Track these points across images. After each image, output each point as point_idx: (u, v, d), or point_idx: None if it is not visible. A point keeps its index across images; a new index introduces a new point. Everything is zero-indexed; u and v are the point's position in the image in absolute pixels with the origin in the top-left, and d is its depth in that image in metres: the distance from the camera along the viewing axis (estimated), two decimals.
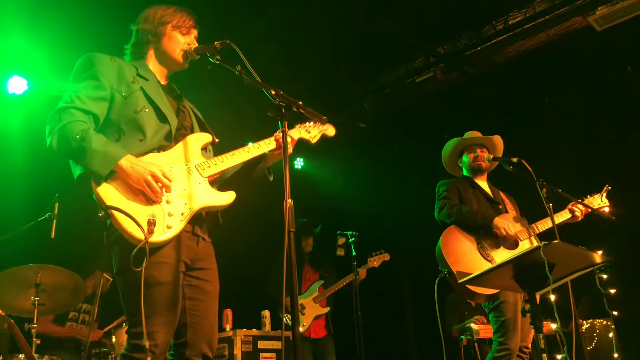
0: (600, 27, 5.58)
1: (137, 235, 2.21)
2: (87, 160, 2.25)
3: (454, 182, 4.27)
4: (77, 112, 2.35)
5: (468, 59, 6.28)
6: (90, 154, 2.25)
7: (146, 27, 2.69)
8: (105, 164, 2.25)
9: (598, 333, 5.77)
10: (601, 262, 2.88)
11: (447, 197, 4.16)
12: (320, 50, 6.19)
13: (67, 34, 4.98)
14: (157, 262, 2.28)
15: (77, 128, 2.29)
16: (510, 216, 4.08)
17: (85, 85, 2.42)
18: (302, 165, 8.16)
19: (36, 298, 4.12)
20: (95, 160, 2.24)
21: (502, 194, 4.35)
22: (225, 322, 5.26)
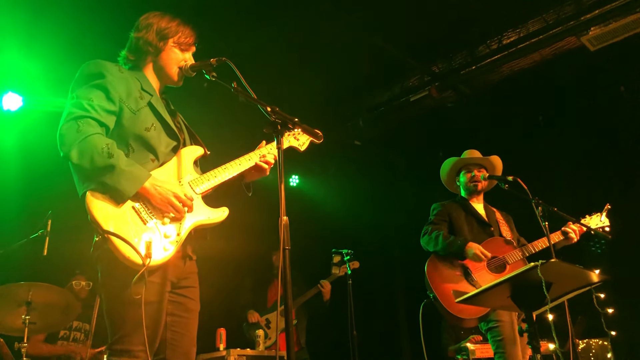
0: (594, 47, 5.63)
1: (135, 260, 2.17)
2: (114, 179, 2.20)
3: (446, 206, 4.28)
4: (95, 123, 2.28)
5: (463, 77, 6.32)
6: (119, 172, 2.20)
7: (147, 37, 2.62)
8: (133, 185, 2.23)
9: (594, 353, 5.73)
10: (598, 281, 2.86)
11: (433, 222, 4.20)
12: (315, 68, 6.21)
13: (62, 50, 4.97)
14: (149, 283, 2.24)
15: (102, 142, 2.22)
16: (499, 240, 4.07)
17: (97, 95, 2.34)
18: (297, 182, 8.15)
19: (27, 316, 4.05)
20: (123, 180, 2.21)
21: (498, 214, 4.33)
22: (218, 341, 5.18)
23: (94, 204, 2.19)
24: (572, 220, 3.98)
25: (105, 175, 2.20)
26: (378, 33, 5.79)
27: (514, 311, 2.94)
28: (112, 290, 2.25)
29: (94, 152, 2.19)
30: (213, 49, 5.31)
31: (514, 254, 3.95)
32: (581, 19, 5.44)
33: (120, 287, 2.21)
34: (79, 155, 2.19)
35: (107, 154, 2.20)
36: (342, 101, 7.06)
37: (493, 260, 3.96)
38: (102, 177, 2.20)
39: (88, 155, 2.19)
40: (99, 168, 2.19)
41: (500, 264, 3.94)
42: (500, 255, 3.96)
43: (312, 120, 6.45)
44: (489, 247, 3.97)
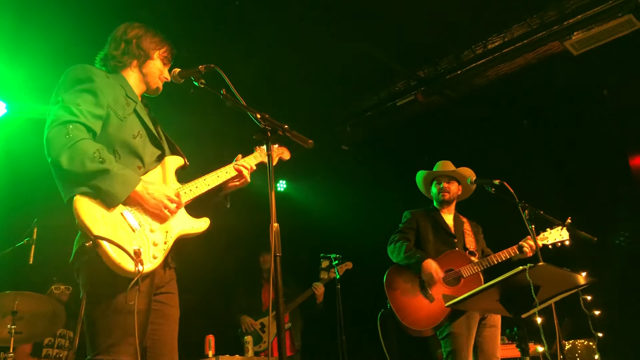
0: (577, 52, 5.70)
1: (126, 267, 2.13)
2: (107, 183, 2.17)
3: (416, 214, 4.42)
4: (83, 128, 2.25)
5: (449, 82, 6.37)
6: (113, 176, 2.19)
7: (140, 43, 2.63)
8: (125, 188, 2.22)
9: (580, 353, 5.78)
10: (585, 283, 2.90)
11: (401, 231, 4.37)
12: (302, 73, 6.22)
13: (47, 57, 4.93)
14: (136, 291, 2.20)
15: (92, 147, 2.20)
16: (459, 252, 4.15)
17: (86, 100, 2.31)
18: (284, 187, 8.15)
19: (13, 326, 4.01)
20: (116, 184, 2.19)
21: (467, 225, 4.42)
22: (207, 348, 5.16)
23: (82, 209, 2.14)
24: (558, 223, 4.02)
25: (97, 179, 2.17)
26: (364, 38, 5.81)
27: (504, 314, 2.97)
28: (99, 298, 2.20)
29: (85, 156, 2.16)
30: (200, 55, 5.35)
31: (470, 268, 4.03)
32: (564, 23, 5.51)
33: (108, 295, 2.18)
34: (69, 160, 2.15)
35: (98, 159, 2.18)
36: (329, 106, 7.07)
37: (449, 273, 4.07)
38: (93, 181, 2.16)
39: (79, 159, 2.15)
40: (91, 172, 2.16)
41: (456, 277, 4.04)
42: (456, 269, 4.05)
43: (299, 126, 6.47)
44: (448, 259, 4.11)
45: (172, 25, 5.12)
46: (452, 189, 4.38)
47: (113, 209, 2.21)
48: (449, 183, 4.38)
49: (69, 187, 2.20)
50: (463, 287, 3.96)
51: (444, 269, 4.06)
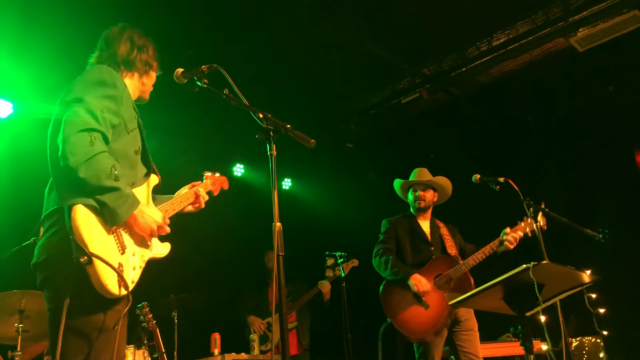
0: (582, 48, 5.68)
1: (112, 290, 2.12)
2: (116, 202, 2.15)
3: (394, 223, 4.53)
4: (102, 138, 2.20)
5: (453, 79, 6.36)
6: (122, 196, 2.18)
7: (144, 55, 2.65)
8: (129, 210, 2.22)
9: (587, 351, 5.76)
10: (590, 281, 2.89)
11: (383, 242, 4.46)
12: (306, 71, 6.23)
13: (52, 57, 4.97)
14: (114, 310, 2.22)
15: (110, 162, 2.17)
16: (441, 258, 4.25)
17: (109, 108, 2.26)
18: (289, 185, 8.16)
19: (20, 325, 4.04)
20: (123, 204, 2.18)
21: (444, 229, 4.49)
22: (213, 346, 5.19)
23: (82, 220, 2.10)
24: (563, 220, 4.01)
25: (105, 195, 2.14)
26: (368, 36, 5.81)
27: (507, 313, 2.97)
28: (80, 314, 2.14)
29: (102, 171, 2.12)
30: (203, 54, 5.37)
31: (457, 269, 4.13)
32: (569, 20, 5.49)
33: (90, 312, 2.15)
34: (86, 170, 2.10)
35: (114, 176, 2.15)
36: (334, 104, 7.08)
37: (438, 278, 4.17)
38: (103, 196, 2.13)
39: (95, 172, 2.11)
40: (104, 187, 2.13)
41: (446, 280, 4.14)
42: (444, 272, 4.15)
43: (304, 124, 6.49)
44: (434, 265, 4.22)
45: (175, 24, 5.16)
46: (427, 196, 4.48)
47: (110, 227, 2.20)
48: (424, 191, 4.49)
49: (73, 194, 2.15)
50: (454, 288, 4.07)
51: (432, 275, 4.18)
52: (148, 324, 4.58)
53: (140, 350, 4.56)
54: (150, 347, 4.62)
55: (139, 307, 4.61)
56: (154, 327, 4.57)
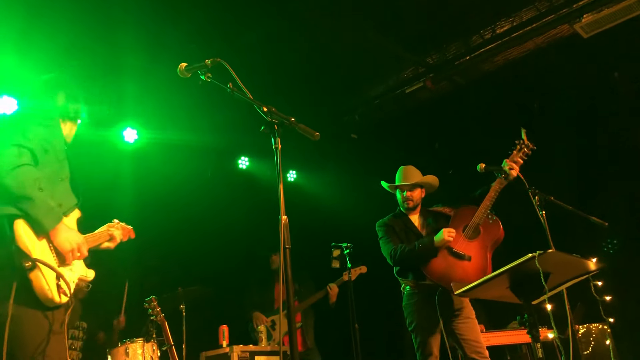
0: (587, 34, 5.64)
1: (53, 296, 2.30)
2: (38, 212, 2.29)
3: (388, 223, 4.52)
4: (32, 155, 2.38)
5: (457, 68, 6.33)
6: (49, 208, 2.34)
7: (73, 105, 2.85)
8: (54, 221, 2.37)
9: (594, 337, 5.78)
10: (596, 269, 2.89)
11: (389, 241, 4.41)
12: (310, 63, 6.22)
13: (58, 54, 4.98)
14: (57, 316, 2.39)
15: (34, 174, 2.33)
16: (463, 210, 4.23)
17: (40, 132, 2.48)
18: (294, 177, 8.17)
19: None
20: (50, 216, 2.34)
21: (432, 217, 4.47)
22: (221, 338, 5.23)
23: (23, 230, 2.29)
24: (569, 208, 4.00)
25: (29, 204, 2.28)
26: (371, 26, 5.79)
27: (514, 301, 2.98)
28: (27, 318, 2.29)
29: (26, 180, 2.28)
30: (207, 47, 5.37)
31: (479, 214, 4.07)
32: (574, 6, 5.46)
33: (40, 317, 2.31)
34: (11, 178, 2.26)
35: (38, 187, 2.30)
36: (338, 95, 7.06)
37: (466, 229, 4.13)
38: (26, 204, 2.28)
39: (20, 181, 2.27)
40: (27, 197, 2.27)
41: (474, 228, 4.10)
42: (469, 222, 4.12)
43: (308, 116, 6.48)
44: (457, 221, 4.19)
45: (179, 17, 5.16)
46: (414, 196, 4.48)
47: (41, 237, 2.35)
48: (411, 191, 4.48)
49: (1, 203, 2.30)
50: (485, 234, 4.06)
51: (460, 228, 4.15)
52: (156, 317, 4.62)
53: (149, 344, 4.60)
54: (159, 341, 4.67)
55: (147, 300, 4.65)
56: (162, 320, 4.61)
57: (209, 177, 7.22)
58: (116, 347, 4.56)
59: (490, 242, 4.04)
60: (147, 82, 5.68)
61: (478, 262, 4.03)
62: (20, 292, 2.25)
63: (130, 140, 6.28)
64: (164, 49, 5.31)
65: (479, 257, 4.04)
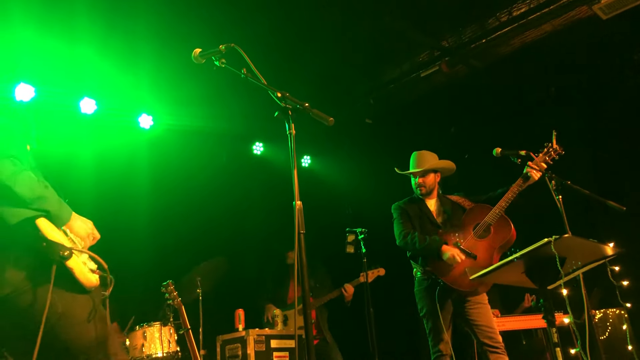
0: (606, 16, 5.53)
1: (90, 279, 2.38)
2: (55, 207, 2.37)
3: (403, 207, 4.53)
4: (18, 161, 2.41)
5: (473, 51, 6.26)
6: (60, 201, 2.42)
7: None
8: (69, 212, 2.46)
9: (611, 322, 5.75)
10: (613, 254, 2.87)
11: (402, 222, 4.46)
12: (324, 47, 6.18)
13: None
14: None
15: (34, 176, 2.39)
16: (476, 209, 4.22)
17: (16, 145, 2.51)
18: (309, 163, 8.17)
19: None
20: (64, 208, 2.43)
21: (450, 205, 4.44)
22: (237, 322, 5.28)
23: (47, 226, 2.35)
24: (586, 193, 3.96)
25: (44, 203, 2.35)
26: (386, 10, 5.73)
27: (529, 286, 2.97)
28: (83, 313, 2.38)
29: (32, 182, 2.34)
30: (221, 31, 5.36)
31: (493, 214, 4.07)
32: None
33: (82, 307, 2.39)
34: (19, 184, 2.30)
35: (44, 184, 2.39)
36: (352, 80, 7.03)
37: (477, 228, 4.14)
38: (42, 204, 2.34)
39: (27, 184, 2.32)
40: (39, 197, 2.34)
41: (485, 227, 4.10)
42: (481, 221, 4.11)
43: (323, 100, 6.46)
44: (469, 218, 4.20)
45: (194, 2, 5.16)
46: (427, 182, 4.47)
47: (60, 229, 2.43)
48: (424, 177, 4.47)
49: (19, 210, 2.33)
50: (495, 234, 4.06)
51: (471, 226, 4.16)
52: (173, 302, 4.68)
53: (166, 327, 4.67)
54: (176, 324, 4.73)
55: (164, 285, 4.71)
56: (179, 304, 4.67)
57: (224, 163, 7.26)
58: (134, 330, 4.63)
59: (499, 243, 4.04)
60: (162, 67, 5.70)
61: (484, 261, 4.03)
62: (63, 280, 2.31)
63: (145, 126, 6.32)
64: (179, 35, 5.31)
65: (485, 256, 4.05)
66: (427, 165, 4.46)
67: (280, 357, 5.12)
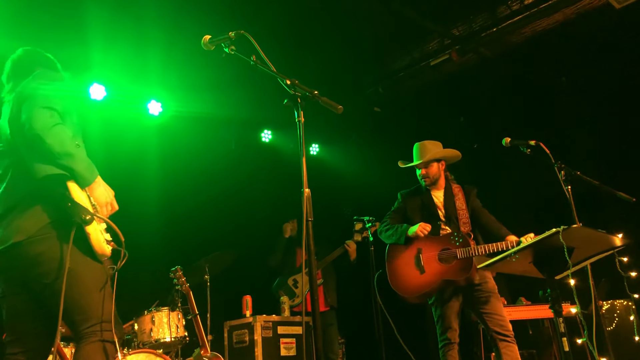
0: (620, 5, 5.47)
1: (104, 249, 2.40)
2: (81, 166, 2.38)
3: (405, 197, 4.54)
4: (60, 116, 2.43)
5: (484, 40, 6.21)
6: (86, 160, 2.42)
7: None
8: (94, 174, 2.46)
9: (619, 314, 5.74)
10: (621, 245, 2.86)
11: (390, 217, 4.51)
12: (333, 35, 6.16)
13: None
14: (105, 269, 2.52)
15: (68, 131, 2.40)
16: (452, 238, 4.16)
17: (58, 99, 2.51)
18: (317, 151, 8.17)
19: None
20: (90, 169, 2.43)
21: (461, 199, 4.36)
22: (245, 308, 5.32)
23: (76, 190, 2.38)
24: (595, 183, 3.93)
25: (72, 161, 2.35)
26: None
27: (536, 276, 2.97)
28: (83, 275, 2.39)
29: (64, 138, 2.35)
30: (230, 20, 5.35)
31: (464, 252, 4.05)
32: None
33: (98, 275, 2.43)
34: (51, 137, 2.31)
35: (75, 143, 2.38)
36: (361, 68, 7.00)
37: (445, 251, 4.13)
38: (69, 161, 2.35)
39: (59, 138, 2.33)
40: (68, 153, 2.34)
41: (451, 256, 4.10)
42: (452, 249, 4.10)
43: (331, 88, 6.43)
44: (445, 240, 4.17)
45: None
46: (431, 172, 4.40)
47: (83, 191, 2.43)
48: (426, 168, 4.41)
49: (46, 165, 2.35)
50: (455, 266, 4.04)
51: (441, 247, 4.16)
52: (182, 287, 4.71)
53: (174, 312, 4.70)
54: (184, 310, 4.77)
55: (172, 270, 4.74)
56: (187, 290, 4.70)
57: (233, 150, 7.27)
58: (143, 315, 4.67)
59: (449, 277, 4.03)
60: (171, 54, 5.70)
61: (425, 280, 4.10)
62: (80, 242, 2.35)
63: (155, 112, 6.34)
64: (188, 21, 5.31)
65: (429, 279, 4.09)
66: (429, 156, 4.39)
67: (287, 344, 5.16)
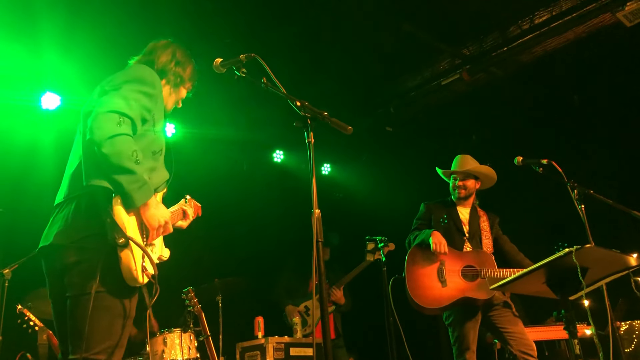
0: (630, 23, 5.46)
1: (137, 277, 2.21)
2: (132, 186, 2.20)
3: (431, 206, 4.50)
4: (132, 124, 2.27)
5: (494, 59, 6.22)
6: (141, 182, 2.23)
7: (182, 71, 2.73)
8: (146, 197, 2.26)
9: (637, 335, 5.63)
10: (636, 265, 2.82)
11: (417, 227, 4.46)
12: (345, 55, 6.21)
13: (99, 49, 5.10)
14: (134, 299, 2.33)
15: (132, 145, 2.21)
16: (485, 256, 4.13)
17: (142, 101, 2.35)
18: (329, 170, 8.18)
19: None
20: (141, 190, 2.23)
21: (485, 221, 4.37)
22: (257, 329, 5.30)
23: (119, 208, 2.20)
24: (609, 202, 3.89)
25: (122, 176, 2.18)
26: (407, 17, 5.74)
27: (550, 297, 2.93)
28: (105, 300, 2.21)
29: (124, 151, 2.16)
30: (241, 42, 5.42)
31: (490, 272, 4.02)
32: None
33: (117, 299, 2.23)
34: (109, 146, 2.14)
35: (135, 159, 2.20)
36: (372, 87, 7.04)
37: (469, 268, 4.11)
38: (119, 176, 2.17)
39: (117, 150, 2.15)
40: (123, 168, 2.17)
41: (474, 274, 4.07)
42: (478, 267, 4.08)
43: (343, 108, 6.46)
44: (470, 256, 4.15)
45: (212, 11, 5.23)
46: (468, 185, 4.38)
47: (131, 213, 2.26)
48: (464, 180, 4.38)
49: (96, 173, 2.22)
50: (477, 285, 4.01)
51: (464, 263, 4.13)
52: (194, 308, 4.71)
53: (186, 334, 4.70)
54: (196, 331, 4.76)
55: (184, 291, 4.75)
56: (199, 311, 4.70)
57: (245, 171, 7.31)
58: (155, 337, 4.67)
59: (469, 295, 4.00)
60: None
61: (444, 294, 4.05)
62: (105, 271, 2.18)
63: (167, 134, 6.41)
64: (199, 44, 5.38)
65: (450, 293, 4.05)
66: (471, 167, 4.38)
67: None
